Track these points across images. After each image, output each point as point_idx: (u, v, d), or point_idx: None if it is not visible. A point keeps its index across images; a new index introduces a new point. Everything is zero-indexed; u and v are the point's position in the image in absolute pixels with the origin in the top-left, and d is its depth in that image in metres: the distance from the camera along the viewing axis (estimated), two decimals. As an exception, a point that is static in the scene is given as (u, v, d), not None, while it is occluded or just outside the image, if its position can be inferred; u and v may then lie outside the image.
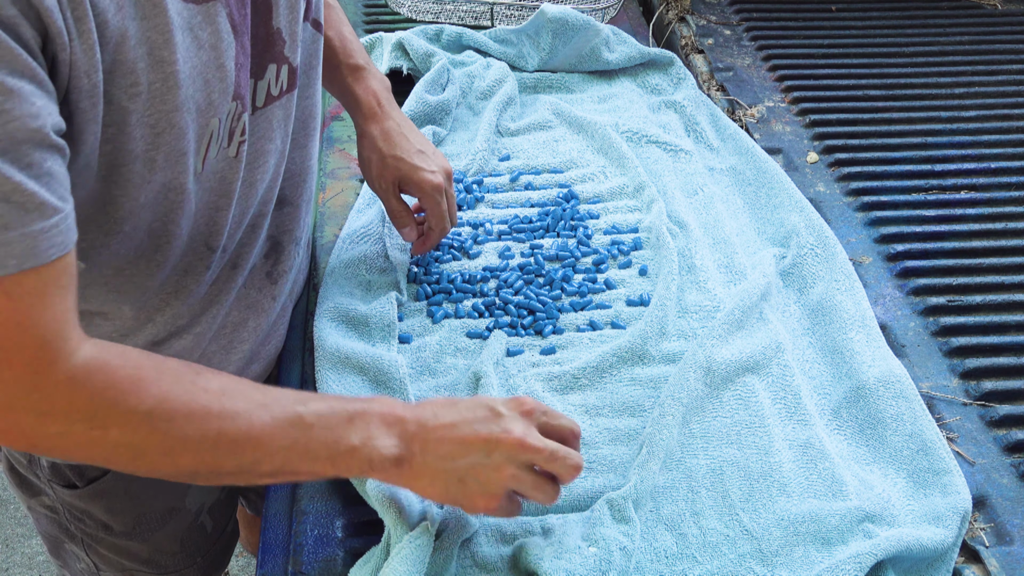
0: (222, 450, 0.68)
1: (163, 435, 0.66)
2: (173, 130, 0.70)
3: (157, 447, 0.67)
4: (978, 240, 1.18)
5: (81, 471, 0.97)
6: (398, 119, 1.04)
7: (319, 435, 0.70)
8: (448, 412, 0.74)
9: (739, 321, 1.01)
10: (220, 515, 1.13)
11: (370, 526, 0.85)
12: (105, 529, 1.02)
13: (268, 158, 0.85)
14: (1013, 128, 1.37)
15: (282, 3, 0.80)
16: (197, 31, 0.69)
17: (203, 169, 0.76)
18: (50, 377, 0.63)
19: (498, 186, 1.24)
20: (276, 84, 0.83)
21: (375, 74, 1.06)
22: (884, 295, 1.10)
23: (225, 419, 0.67)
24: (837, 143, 1.33)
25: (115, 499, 0.99)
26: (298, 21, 0.83)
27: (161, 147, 0.70)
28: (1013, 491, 0.89)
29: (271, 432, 0.69)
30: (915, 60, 1.51)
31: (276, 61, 0.82)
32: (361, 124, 1.05)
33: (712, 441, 0.91)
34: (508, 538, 0.83)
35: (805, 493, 0.87)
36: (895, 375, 0.95)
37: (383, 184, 1.03)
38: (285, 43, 0.82)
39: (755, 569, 0.81)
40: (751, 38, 1.57)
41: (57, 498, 1.00)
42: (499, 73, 1.40)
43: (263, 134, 0.84)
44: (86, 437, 0.65)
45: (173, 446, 0.67)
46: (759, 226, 1.19)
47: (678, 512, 0.85)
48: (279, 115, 0.85)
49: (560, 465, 0.74)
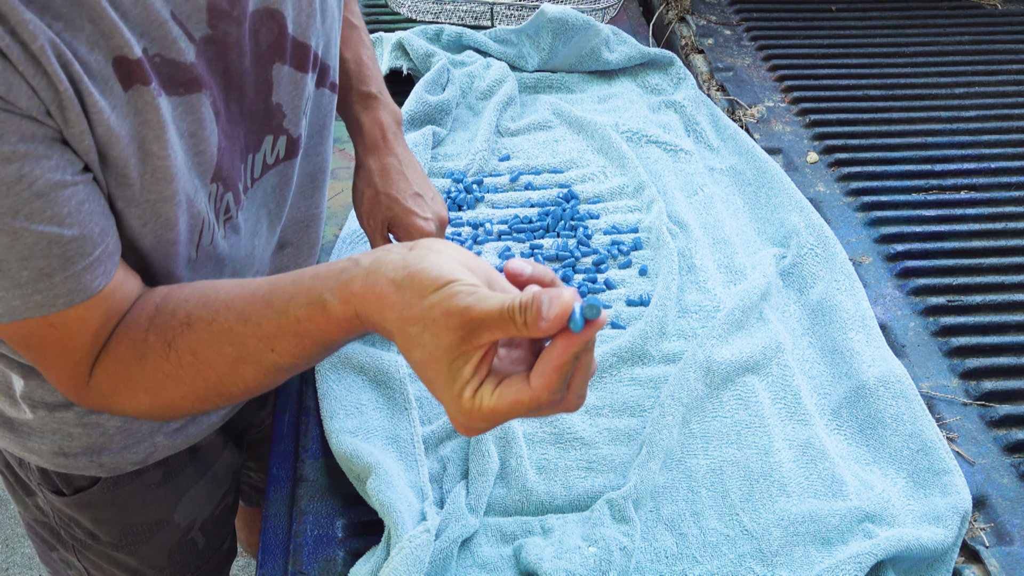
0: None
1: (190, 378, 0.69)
2: (159, 220, 0.70)
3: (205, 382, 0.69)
4: (978, 240, 1.18)
5: (68, 479, 0.96)
6: (401, 156, 0.99)
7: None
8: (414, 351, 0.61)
9: (739, 321, 1.01)
10: (214, 532, 1.12)
11: (370, 526, 0.85)
12: (92, 538, 1.02)
13: (261, 224, 0.85)
14: (1013, 128, 1.37)
15: (284, 81, 0.78)
16: (179, 122, 0.69)
17: (197, 256, 0.76)
18: (84, 391, 0.72)
19: (498, 186, 1.24)
20: (272, 153, 0.81)
21: (387, 105, 1.01)
22: (884, 295, 1.10)
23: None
24: (837, 143, 1.33)
25: (101, 509, 0.99)
26: (303, 95, 0.80)
27: (147, 236, 0.70)
28: (1013, 491, 0.89)
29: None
30: (915, 60, 1.51)
31: (273, 133, 0.80)
32: (361, 155, 1.00)
33: (712, 441, 0.91)
34: (508, 538, 0.83)
35: (805, 493, 0.87)
36: (895, 375, 0.95)
37: (372, 222, 0.97)
38: (285, 116, 0.80)
39: (755, 569, 0.81)
40: (751, 38, 1.57)
41: (48, 502, 1.00)
42: (499, 73, 1.40)
43: (257, 201, 0.82)
44: (143, 407, 0.71)
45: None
46: (759, 226, 1.19)
47: (678, 512, 0.85)
48: (272, 182, 0.83)
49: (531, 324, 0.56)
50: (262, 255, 0.88)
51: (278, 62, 0.77)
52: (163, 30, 0.65)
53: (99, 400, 0.72)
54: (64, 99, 0.60)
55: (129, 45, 0.63)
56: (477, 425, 0.59)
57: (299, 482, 0.89)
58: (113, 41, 0.62)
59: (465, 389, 0.57)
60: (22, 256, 0.61)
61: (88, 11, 0.61)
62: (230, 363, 0.67)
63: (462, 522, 0.81)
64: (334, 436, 0.89)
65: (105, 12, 0.61)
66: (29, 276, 0.62)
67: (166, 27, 0.65)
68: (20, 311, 0.64)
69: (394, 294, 0.59)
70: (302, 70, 0.79)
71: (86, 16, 0.61)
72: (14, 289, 0.63)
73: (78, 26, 0.60)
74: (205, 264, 0.78)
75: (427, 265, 0.58)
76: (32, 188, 0.59)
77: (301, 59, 0.79)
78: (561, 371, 0.56)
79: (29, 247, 0.61)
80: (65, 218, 0.62)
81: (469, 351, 0.56)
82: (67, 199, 0.61)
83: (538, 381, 0.56)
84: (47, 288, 0.63)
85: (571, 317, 0.54)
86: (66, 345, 0.68)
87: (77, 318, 0.66)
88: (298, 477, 0.90)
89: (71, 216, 0.62)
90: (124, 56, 0.63)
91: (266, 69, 0.76)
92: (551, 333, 0.55)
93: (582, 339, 0.54)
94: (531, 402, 0.57)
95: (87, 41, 0.61)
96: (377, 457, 0.85)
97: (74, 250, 0.63)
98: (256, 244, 0.86)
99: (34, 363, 0.71)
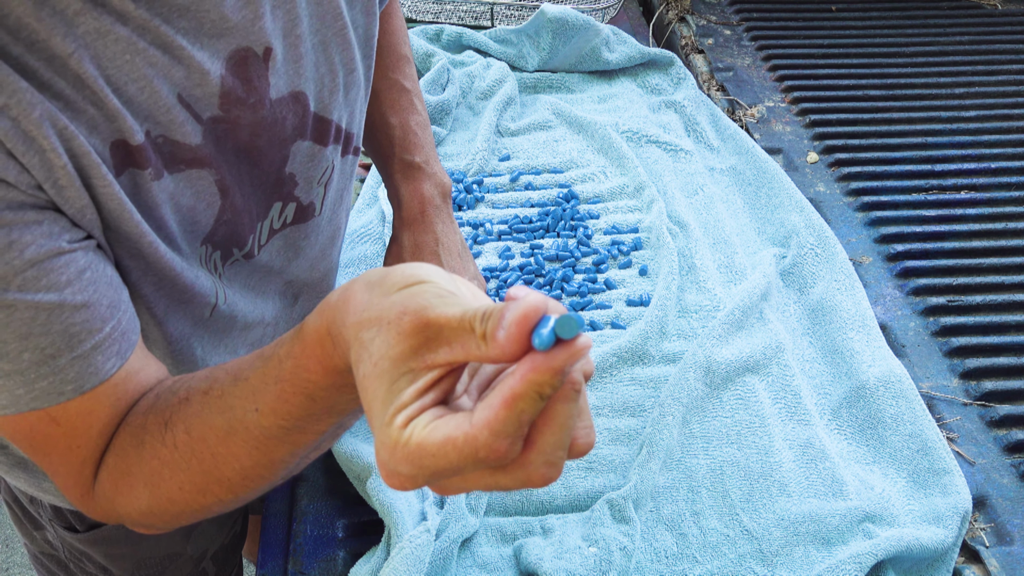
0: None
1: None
2: (176, 284, 0.66)
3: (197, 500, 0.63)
4: (978, 240, 1.18)
5: (82, 517, 0.95)
6: (440, 234, 0.91)
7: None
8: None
9: (739, 321, 1.01)
10: (224, 561, 1.11)
11: (370, 526, 0.85)
12: (104, 571, 1.01)
13: (269, 284, 0.81)
14: (1013, 128, 1.37)
15: (301, 154, 0.74)
16: (177, 197, 0.65)
17: (211, 315, 0.73)
18: (90, 498, 0.64)
19: (498, 186, 1.24)
20: (279, 219, 0.77)
21: (432, 175, 0.93)
22: (884, 295, 1.10)
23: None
24: (837, 143, 1.33)
25: (115, 545, 0.98)
26: (319, 166, 0.76)
27: (161, 300, 0.67)
28: (1013, 491, 0.89)
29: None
30: (915, 60, 1.51)
31: (283, 200, 0.76)
32: (397, 228, 0.93)
33: (712, 441, 0.91)
34: (508, 538, 0.83)
35: (805, 493, 0.87)
36: (895, 375, 0.95)
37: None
38: (297, 185, 0.76)
39: (755, 569, 0.81)
40: (751, 38, 1.57)
41: (58, 536, 0.99)
42: (499, 73, 1.40)
43: (261, 264, 0.79)
44: (143, 504, 0.64)
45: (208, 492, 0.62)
46: (759, 226, 1.19)
47: (678, 512, 0.85)
48: (278, 245, 0.79)
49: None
50: (275, 313, 0.85)
51: (299, 140, 0.73)
52: (169, 115, 0.62)
53: (104, 505, 0.64)
54: (61, 175, 0.55)
55: (132, 131, 0.59)
56: (399, 468, 0.43)
57: (299, 482, 0.89)
58: (115, 125, 0.59)
59: (398, 415, 0.43)
60: (20, 335, 0.55)
61: (90, 95, 0.57)
62: (221, 437, 0.58)
63: (462, 522, 0.81)
64: (334, 436, 0.89)
65: (107, 97, 0.58)
66: (31, 359, 0.56)
67: (172, 112, 0.62)
68: (24, 401, 0.57)
69: (362, 293, 0.49)
70: (322, 144, 0.75)
71: (88, 99, 0.57)
72: (16, 376, 0.56)
73: (79, 108, 0.57)
74: (218, 321, 0.75)
75: (406, 266, 0.49)
76: (24, 255, 0.54)
77: (321, 133, 0.75)
78: (512, 406, 0.40)
79: (27, 323, 0.55)
80: (65, 286, 0.56)
81: (418, 369, 0.44)
82: (64, 265, 0.56)
83: (481, 414, 0.41)
84: (52, 372, 0.57)
85: (536, 330, 0.40)
86: (70, 444, 0.61)
87: (83, 410, 0.59)
88: (298, 477, 0.90)
89: (71, 284, 0.56)
90: (124, 140, 0.59)
91: (286, 146, 0.72)
92: (511, 352, 0.40)
93: (549, 364, 0.39)
94: (465, 443, 0.41)
95: (87, 124, 0.57)
96: (377, 457, 0.85)
97: (79, 325, 0.57)
98: (265, 303, 0.82)
99: (39, 465, 0.64)
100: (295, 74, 0.70)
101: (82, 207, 0.57)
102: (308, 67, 0.71)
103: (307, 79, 0.71)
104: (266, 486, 0.62)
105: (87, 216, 0.58)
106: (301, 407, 0.54)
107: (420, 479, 0.44)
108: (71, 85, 0.56)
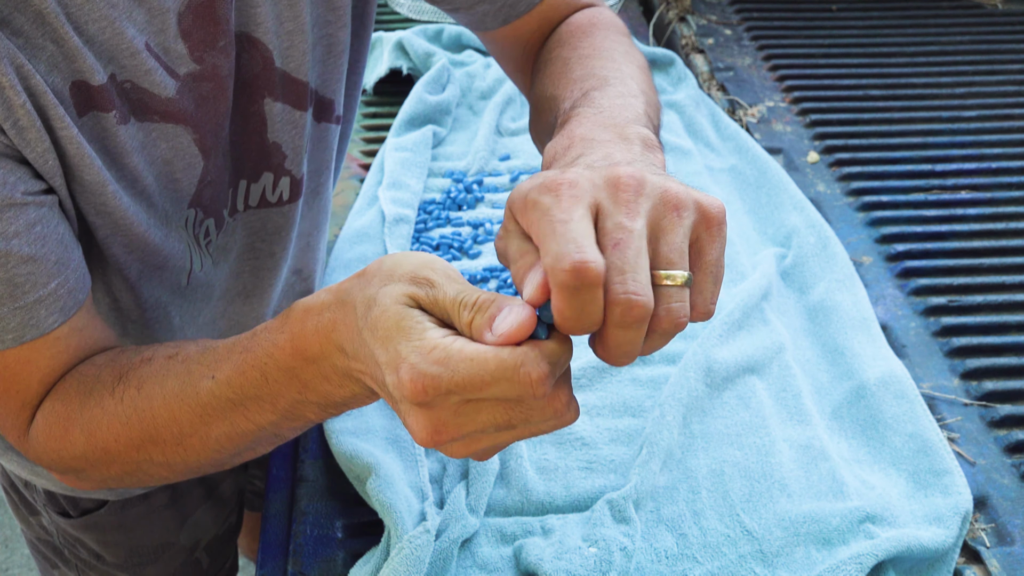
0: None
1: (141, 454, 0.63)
2: (147, 247, 0.66)
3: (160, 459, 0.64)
4: (979, 240, 1.18)
5: (75, 502, 0.96)
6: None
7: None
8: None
9: (739, 321, 1.01)
10: (218, 552, 1.11)
11: (370, 526, 0.85)
12: (97, 558, 1.02)
13: (258, 255, 0.80)
14: (1014, 128, 1.37)
15: (278, 119, 0.73)
16: (151, 148, 0.64)
17: (188, 283, 0.73)
18: (24, 439, 0.65)
19: (498, 186, 1.24)
20: (273, 192, 0.77)
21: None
22: (885, 295, 1.10)
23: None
24: (838, 143, 1.33)
25: (107, 532, 0.98)
26: (303, 134, 0.75)
27: (133, 264, 0.67)
28: (1014, 491, 0.89)
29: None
30: (915, 60, 1.51)
31: (275, 172, 0.75)
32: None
33: (712, 441, 0.91)
34: (508, 538, 0.83)
35: (806, 493, 0.87)
36: (896, 375, 0.95)
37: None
38: (287, 157, 0.75)
39: (756, 570, 0.81)
40: (751, 38, 1.57)
41: (52, 522, 0.99)
42: (499, 73, 1.40)
43: (249, 231, 0.78)
44: (77, 449, 0.64)
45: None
46: (759, 226, 1.19)
47: (678, 512, 0.85)
48: (276, 221, 0.79)
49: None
50: (263, 285, 0.85)
51: (268, 97, 0.72)
52: (135, 59, 0.61)
53: (37, 447, 0.66)
54: (20, 114, 0.55)
55: (92, 70, 0.59)
56: (429, 369, 0.44)
57: (299, 482, 0.89)
58: (75, 65, 0.58)
59: (442, 328, 0.47)
60: None
61: (51, 32, 0.57)
62: (169, 398, 0.60)
63: (462, 522, 0.81)
64: (334, 436, 0.89)
65: (68, 35, 0.57)
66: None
67: (139, 56, 0.61)
68: None
69: (357, 276, 0.52)
70: (299, 107, 0.74)
71: (48, 36, 0.57)
72: None
73: (39, 45, 0.56)
74: (196, 291, 0.75)
75: (409, 258, 0.51)
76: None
77: (297, 96, 0.73)
78: (565, 342, 0.46)
79: None
80: (12, 236, 0.56)
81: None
82: (14, 216, 0.56)
83: (527, 344, 0.45)
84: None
85: (535, 332, 0.46)
86: (8, 388, 0.62)
87: (22, 359, 0.60)
88: (298, 477, 0.89)
89: (20, 236, 0.56)
90: (84, 81, 0.59)
91: (256, 103, 0.71)
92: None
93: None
94: (509, 356, 0.44)
95: (47, 62, 0.57)
96: (377, 457, 0.85)
97: (23, 276, 0.57)
98: (250, 273, 0.82)
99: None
100: (250, 20, 0.68)
101: (44, 151, 0.57)
102: (267, 18, 0.69)
103: (268, 32, 0.69)
104: (195, 466, 0.64)
105: (48, 162, 0.58)
106: (253, 384, 0.56)
107: (443, 385, 0.45)
108: (31, 21, 0.56)
